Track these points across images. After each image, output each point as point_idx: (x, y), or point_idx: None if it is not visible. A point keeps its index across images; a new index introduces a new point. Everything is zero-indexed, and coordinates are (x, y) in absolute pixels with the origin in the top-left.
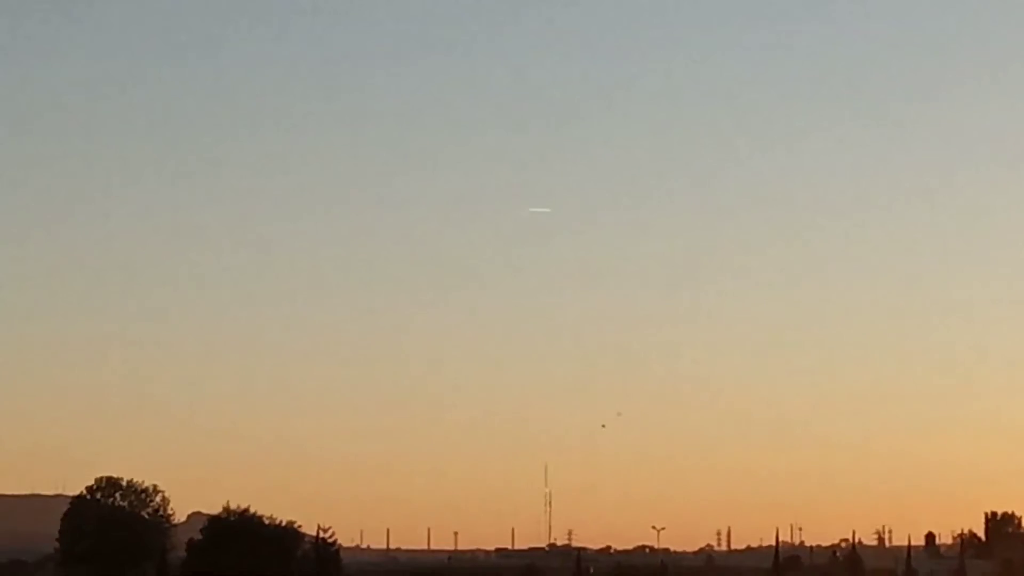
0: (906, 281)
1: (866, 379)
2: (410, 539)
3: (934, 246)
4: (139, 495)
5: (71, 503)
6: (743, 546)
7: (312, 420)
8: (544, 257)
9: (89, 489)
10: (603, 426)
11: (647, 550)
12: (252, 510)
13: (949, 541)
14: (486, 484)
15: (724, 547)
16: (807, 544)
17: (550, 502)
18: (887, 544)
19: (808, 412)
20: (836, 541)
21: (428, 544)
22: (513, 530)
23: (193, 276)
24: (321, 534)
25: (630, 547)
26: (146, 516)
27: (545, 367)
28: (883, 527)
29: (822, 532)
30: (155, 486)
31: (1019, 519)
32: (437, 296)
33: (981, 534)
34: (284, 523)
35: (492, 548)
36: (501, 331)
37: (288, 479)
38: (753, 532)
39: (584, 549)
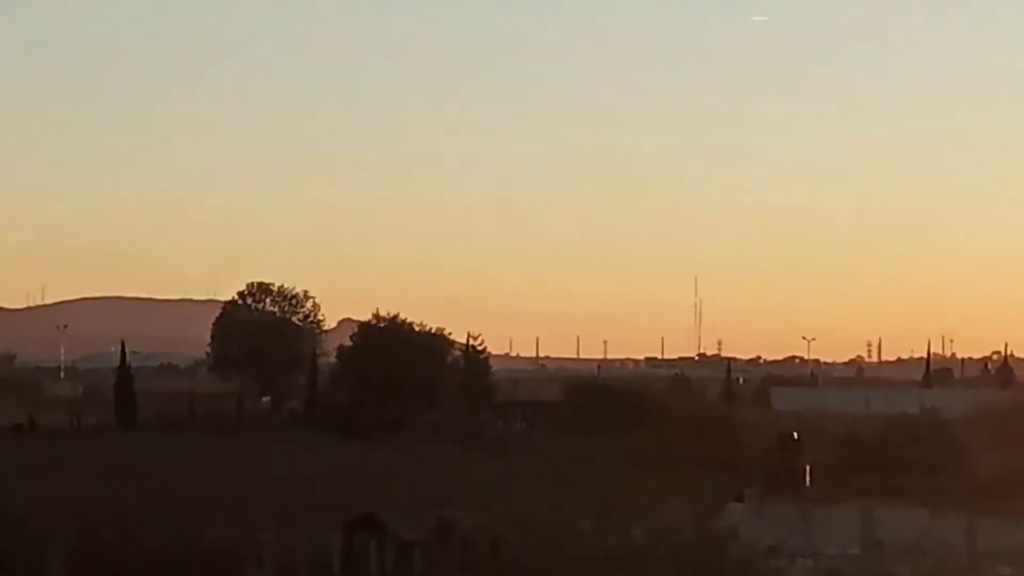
0: None
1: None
2: (559, 348)
3: None
4: (289, 301)
5: (223, 308)
6: (894, 357)
7: (464, 234)
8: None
9: (240, 294)
10: None
11: (797, 360)
12: (402, 317)
13: None
14: (636, 295)
15: (875, 358)
16: (958, 356)
17: (700, 312)
18: None
19: (961, 226)
20: (988, 354)
21: (577, 353)
22: (663, 340)
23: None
24: (471, 341)
25: (780, 357)
26: (297, 322)
27: (700, 176)
28: None
29: (973, 344)
30: (305, 292)
31: None
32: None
33: None
34: (434, 330)
35: (642, 357)
36: (643, 142)
37: (438, 289)
38: (904, 344)
39: (734, 359)
